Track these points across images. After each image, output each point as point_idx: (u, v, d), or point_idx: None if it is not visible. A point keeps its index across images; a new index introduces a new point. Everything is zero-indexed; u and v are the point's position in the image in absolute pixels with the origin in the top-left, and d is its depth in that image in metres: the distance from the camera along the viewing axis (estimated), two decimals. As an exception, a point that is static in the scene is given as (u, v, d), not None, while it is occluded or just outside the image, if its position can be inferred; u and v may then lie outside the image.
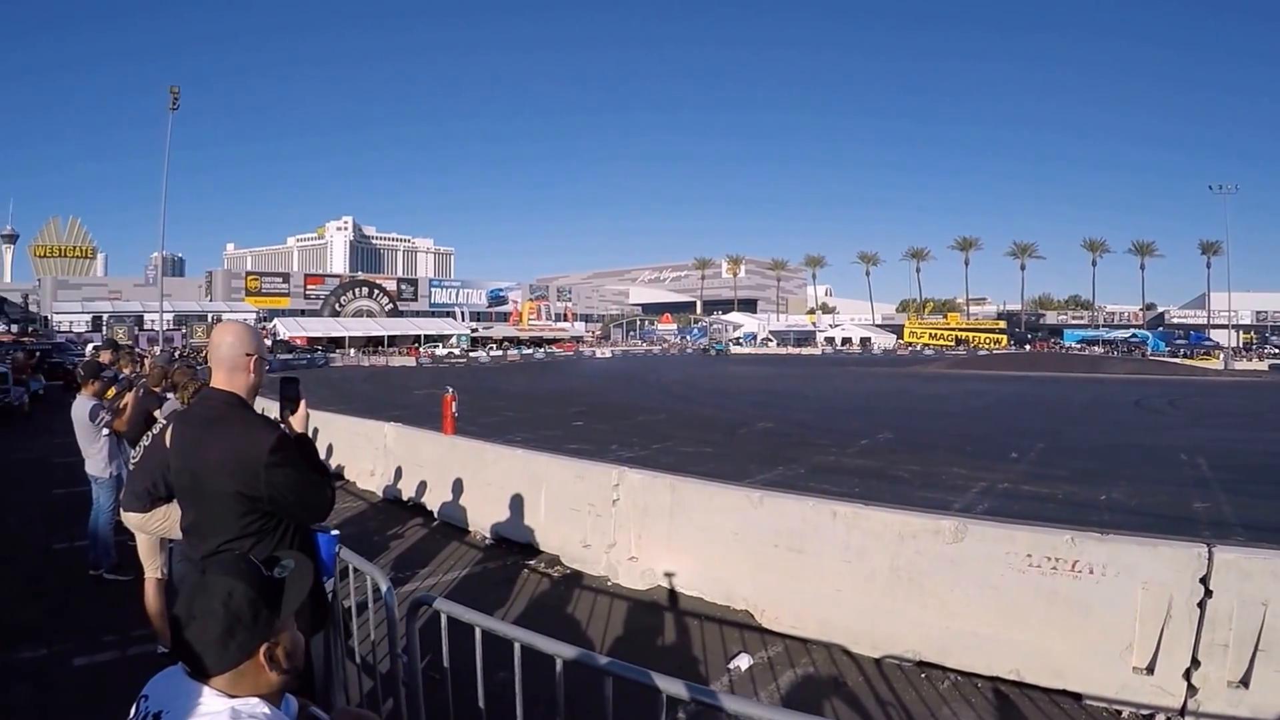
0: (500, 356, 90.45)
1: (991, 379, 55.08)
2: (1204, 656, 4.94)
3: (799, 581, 6.66)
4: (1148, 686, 5.07)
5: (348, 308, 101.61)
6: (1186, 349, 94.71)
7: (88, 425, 8.01)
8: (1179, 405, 34.79)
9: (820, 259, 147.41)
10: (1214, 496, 13.41)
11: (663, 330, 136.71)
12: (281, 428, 3.31)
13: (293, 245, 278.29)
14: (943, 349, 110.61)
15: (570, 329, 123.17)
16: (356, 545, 8.45)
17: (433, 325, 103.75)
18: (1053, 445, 19.95)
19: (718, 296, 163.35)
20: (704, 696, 2.87)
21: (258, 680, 1.83)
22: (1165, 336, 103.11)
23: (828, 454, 18.01)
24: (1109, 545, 5.42)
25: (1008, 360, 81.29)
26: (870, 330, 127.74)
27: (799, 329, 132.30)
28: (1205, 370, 73.52)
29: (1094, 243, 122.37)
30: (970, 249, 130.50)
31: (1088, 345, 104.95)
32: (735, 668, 6.00)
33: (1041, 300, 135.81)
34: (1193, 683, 4.94)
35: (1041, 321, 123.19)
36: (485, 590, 7.86)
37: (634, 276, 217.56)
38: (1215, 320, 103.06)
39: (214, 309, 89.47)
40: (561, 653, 3.30)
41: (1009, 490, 13.73)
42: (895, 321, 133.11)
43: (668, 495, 7.83)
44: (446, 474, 10.80)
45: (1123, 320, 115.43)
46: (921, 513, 6.67)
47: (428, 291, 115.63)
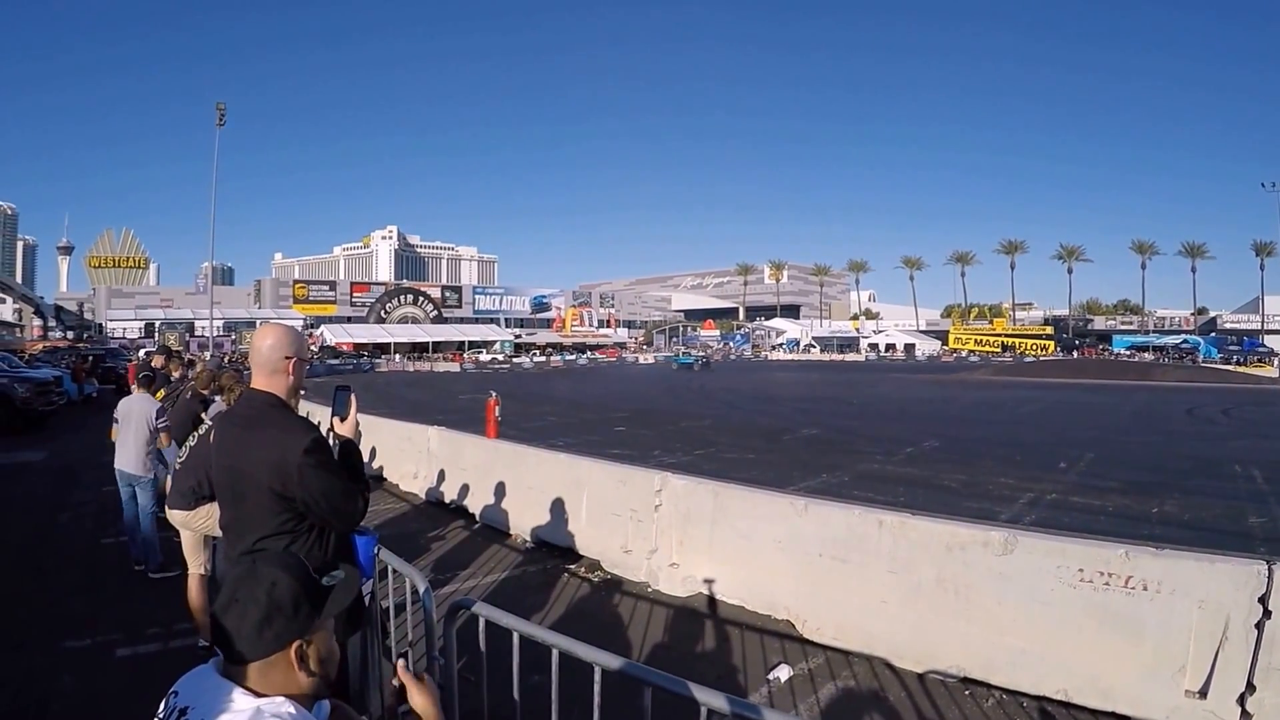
0: (543, 362, 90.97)
1: (1039, 386, 54.43)
2: (1260, 681, 4.75)
3: (843, 592, 6.58)
4: (1200, 711, 4.90)
5: (393, 315, 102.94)
6: (1240, 356, 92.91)
7: (149, 424, 8.37)
8: (1232, 414, 34.10)
9: (863, 264, 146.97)
10: (1270, 510, 13.06)
11: (705, 336, 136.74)
12: (318, 430, 3.33)
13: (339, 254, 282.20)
14: (988, 355, 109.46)
15: (613, 335, 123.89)
16: (398, 546, 8.52)
17: (476, 331, 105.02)
18: (1102, 455, 19.59)
19: (760, 302, 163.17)
20: (745, 710, 2.82)
21: (287, 679, 1.83)
22: (1217, 342, 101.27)
23: (872, 461, 17.81)
24: (1164, 561, 5.25)
25: (1055, 367, 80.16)
26: (914, 336, 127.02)
27: (842, 335, 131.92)
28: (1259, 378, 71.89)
29: (1143, 245, 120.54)
30: (1016, 252, 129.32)
31: (1137, 351, 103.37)
32: (775, 679, 5.92)
33: (1089, 305, 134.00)
34: (1246, 709, 4.76)
35: (1089, 327, 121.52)
36: (524, 593, 7.89)
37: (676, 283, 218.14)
38: (1270, 325, 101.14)
39: (262, 316, 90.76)
40: (600, 661, 3.28)
41: (1058, 501, 13.46)
42: (940, 327, 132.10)
43: (710, 502, 7.78)
44: (489, 477, 10.86)
45: (1173, 325, 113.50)
46: (970, 523, 6.58)
47: (471, 299, 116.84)
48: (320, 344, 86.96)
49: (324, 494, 3.14)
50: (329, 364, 70.60)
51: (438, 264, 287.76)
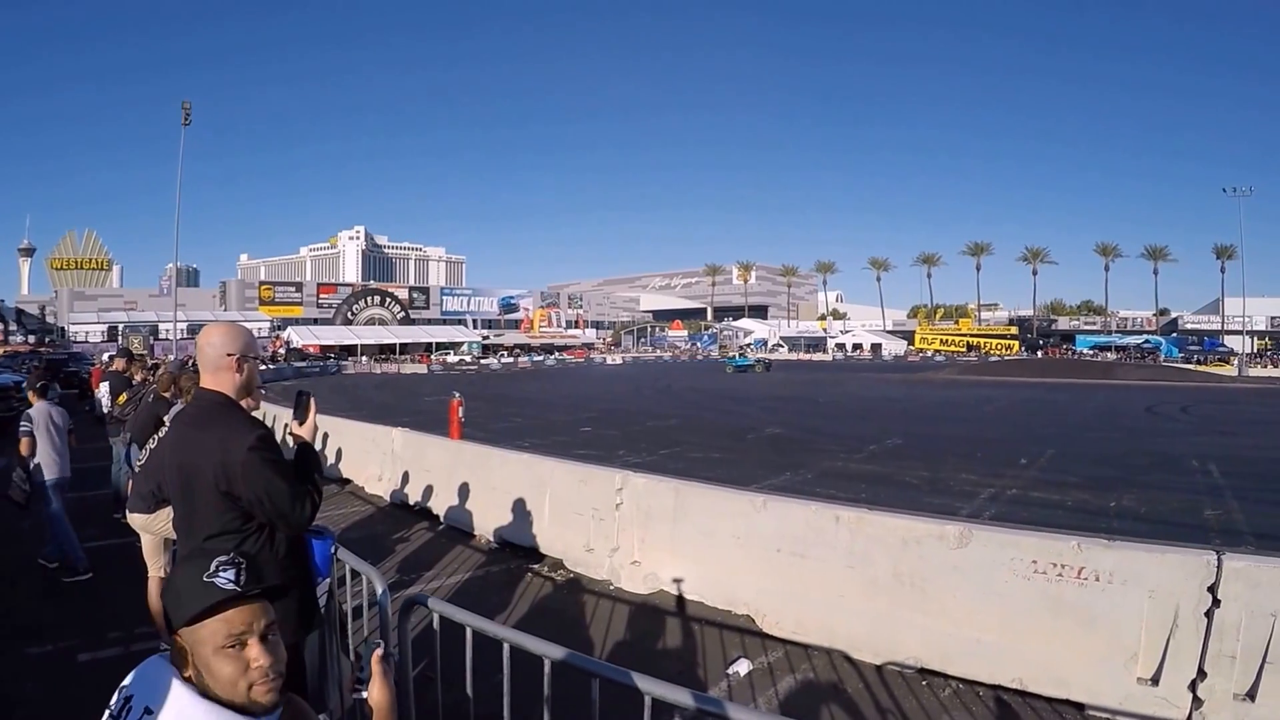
0: (511, 363, 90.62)
1: (1003, 385, 54.83)
2: (1210, 668, 4.86)
3: (801, 586, 6.63)
4: (1152, 698, 5.00)
5: (360, 316, 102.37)
6: (1200, 355, 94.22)
7: (61, 429, 8.74)
8: (1191, 412, 34.54)
9: (831, 265, 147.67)
10: (1226, 504, 13.26)
11: (673, 337, 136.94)
12: (264, 428, 3.32)
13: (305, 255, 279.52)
14: (954, 355, 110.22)
15: (581, 336, 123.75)
16: (363, 548, 8.49)
17: (444, 333, 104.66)
18: (1063, 451, 19.80)
19: (728, 303, 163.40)
20: (679, 696, 2.86)
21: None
22: (1179, 342, 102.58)
23: (836, 459, 17.91)
24: (1116, 552, 5.36)
25: (1019, 366, 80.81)
26: (881, 336, 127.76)
27: (810, 335, 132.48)
28: (1219, 377, 72.89)
29: (1106, 247, 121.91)
30: (982, 254, 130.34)
31: (1100, 351, 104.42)
32: (734, 672, 5.97)
33: (1054, 305, 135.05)
34: (1198, 695, 4.87)
35: (1054, 327, 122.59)
36: (488, 594, 7.90)
37: (645, 283, 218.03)
38: (1230, 326, 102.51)
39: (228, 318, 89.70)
40: (549, 653, 3.32)
41: (1018, 496, 13.61)
42: (906, 327, 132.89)
43: (671, 499, 7.81)
44: (452, 478, 10.84)
45: (1136, 326, 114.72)
46: (925, 518, 6.66)
47: (439, 299, 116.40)
48: (286, 346, 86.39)
49: (268, 493, 3.12)
50: (295, 366, 69.99)
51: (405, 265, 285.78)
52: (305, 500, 3.22)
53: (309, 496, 3.24)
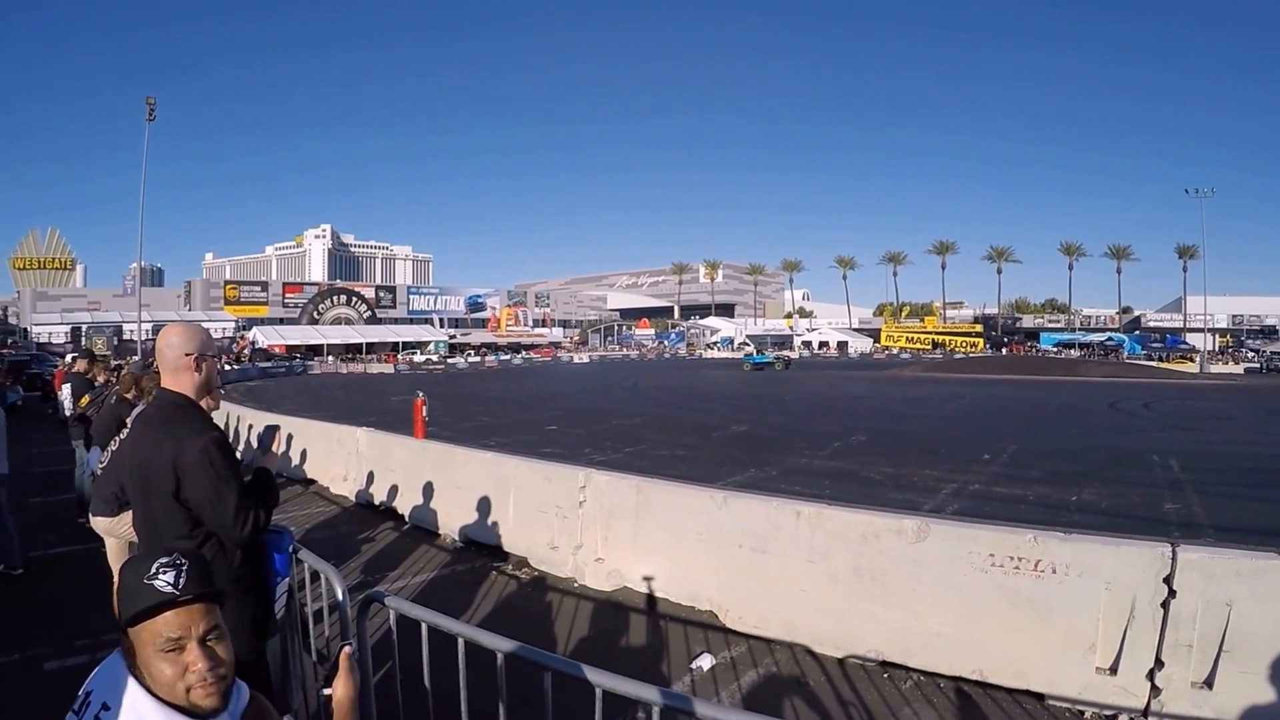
0: (478, 363, 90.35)
1: (967, 382, 55.27)
2: (1168, 657, 4.94)
3: (763, 582, 6.67)
4: (1111, 687, 5.07)
5: (326, 315, 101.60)
6: (1162, 352, 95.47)
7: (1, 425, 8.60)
8: (1153, 408, 34.96)
9: (797, 263, 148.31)
10: (1185, 498, 13.45)
11: (640, 335, 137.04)
12: (218, 431, 3.30)
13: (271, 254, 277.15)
14: (919, 352, 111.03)
15: (548, 334, 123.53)
16: (328, 549, 8.49)
17: (411, 332, 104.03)
18: (1026, 447, 19.98)
19: (695, 301, 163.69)
20: (623, 686, 2.88)
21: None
22: (1141, 340, 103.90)
23: (801, 456, 17.99)
24: (1072, 545, 5.42)
25: (984, 363, 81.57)
26: (847, 334, 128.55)
27: (776, 333, 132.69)
28: (1181, 373, 73.89)
29: (1070, 246, 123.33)
30: (947, 253, 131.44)
31: (1064, 348, 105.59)
32: (697, 667, 6.00)
33: (1018, 304, 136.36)
34: (1156, 683, 4.95)
35: (1018, 325, 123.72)
36: (453, 592, 7.88)
37: (611, 282, 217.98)
38: (1191, 324, 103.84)
39: (193, 318, 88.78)
40: (500, 647, 3.34)
41: (980, 492, 13.72)
42: (872, 325, 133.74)
43: (633, 497, 7.83)
44: (417, 478, 10.79)
45: (1099, 324, 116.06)
46: (885, 512, 6.67)
47: (406, 299, 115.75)
48: (252, 346, 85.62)
49: (212, 500, 3.09)
50: (260, 367, 69.40)
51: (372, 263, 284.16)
52: (248, 514, 3.17)
53: (253, 511, 3.20)
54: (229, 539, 3.18)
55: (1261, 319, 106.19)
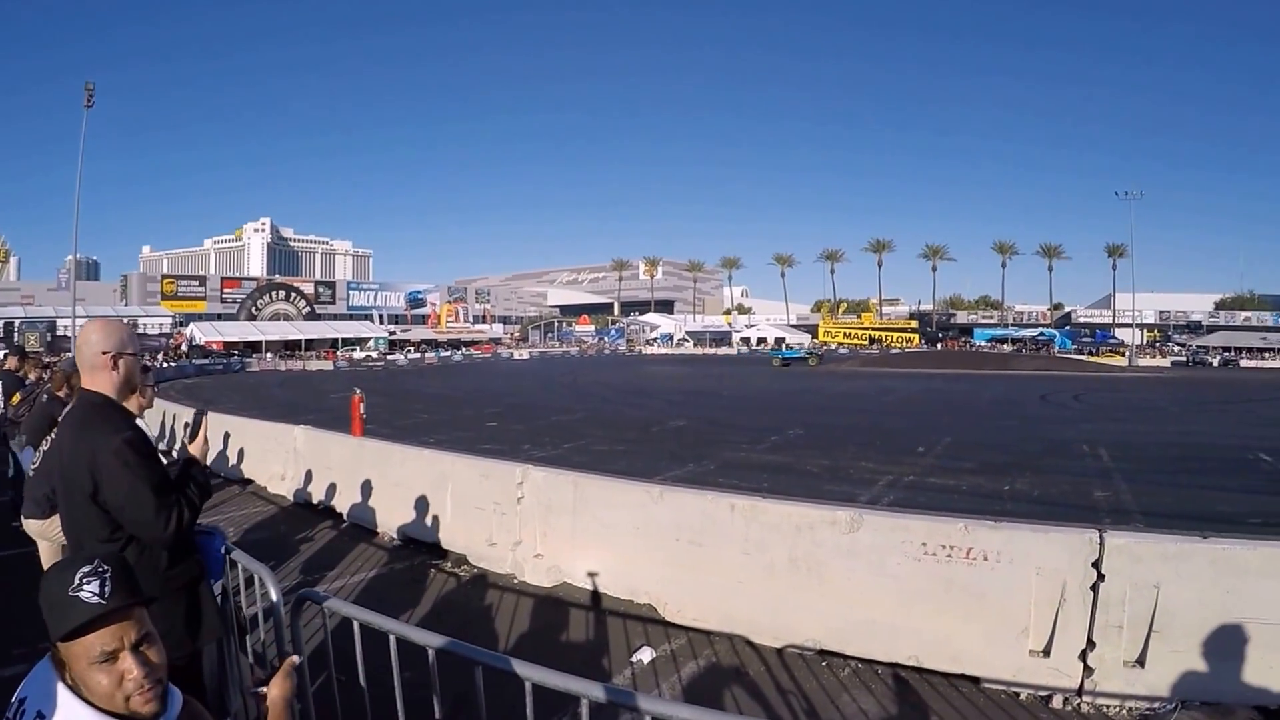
0: (418, 359, 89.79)
1: (903, 376, 56.06)
2: (1099, 638, 5.10)
3: (700, 574, 6.70)
4: (1044, 669, 5.21)
5: (264, 311, 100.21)
6: (1092, 346, 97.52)
7: None
8: (1083, 400, 35.77)
9: (736, 260, 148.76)
10: (1115, 485, 13.77)
11: (580, 331, 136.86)
12: (133, 430, 3.23)
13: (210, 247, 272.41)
14: (856, 348, 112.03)
15: (488, 331, 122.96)
16: (266, 550, 8.42)
17: (350, 328, 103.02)
18: (960, 439, 20.34)
19: (635, 298, 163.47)
20: (553, 680, 2.88)
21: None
22: (1072, 335, 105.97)
23: (739, 450, 18.11)
24: (1003, 532, 5.56)
25: (919, 358, 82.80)
26: (785, 330, 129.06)
27: (715, 329, 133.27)
28: (1110, 367, 75.76)
29: (1004, 245, 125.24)
30: (883, 251, 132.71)
31: (997, 343, 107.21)
32: (638, 661, 6.01)
33: (953, 300, 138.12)
34: (1089, 664, 5.09)
35: (953, 321, 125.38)
36: (392, 591, 7.81)
37: (552, 278, 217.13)
38: (1120, 320, 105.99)
39: (129, 313, 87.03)
40: (430, 643, 3.32)
41: (915, 483, 13.94)
42: (810, 321, 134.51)
43: (571, 492, 7.83)
44: (355, 476, 10.66)
45: (1031, 319, 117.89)
46: (819, 504, 6.79)
47: (345, 294, 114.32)
48: (189, 343, 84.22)
49: (129, 500, 3.03)
50: (197, 364, 68.22)
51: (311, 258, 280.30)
52: (171, 511, 3.09)
53: (176, 508, 3.11)
54: (152, 539, 3.11)
55: (1187, 315, 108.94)
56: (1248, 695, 4.82)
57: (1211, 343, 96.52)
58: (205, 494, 3.38)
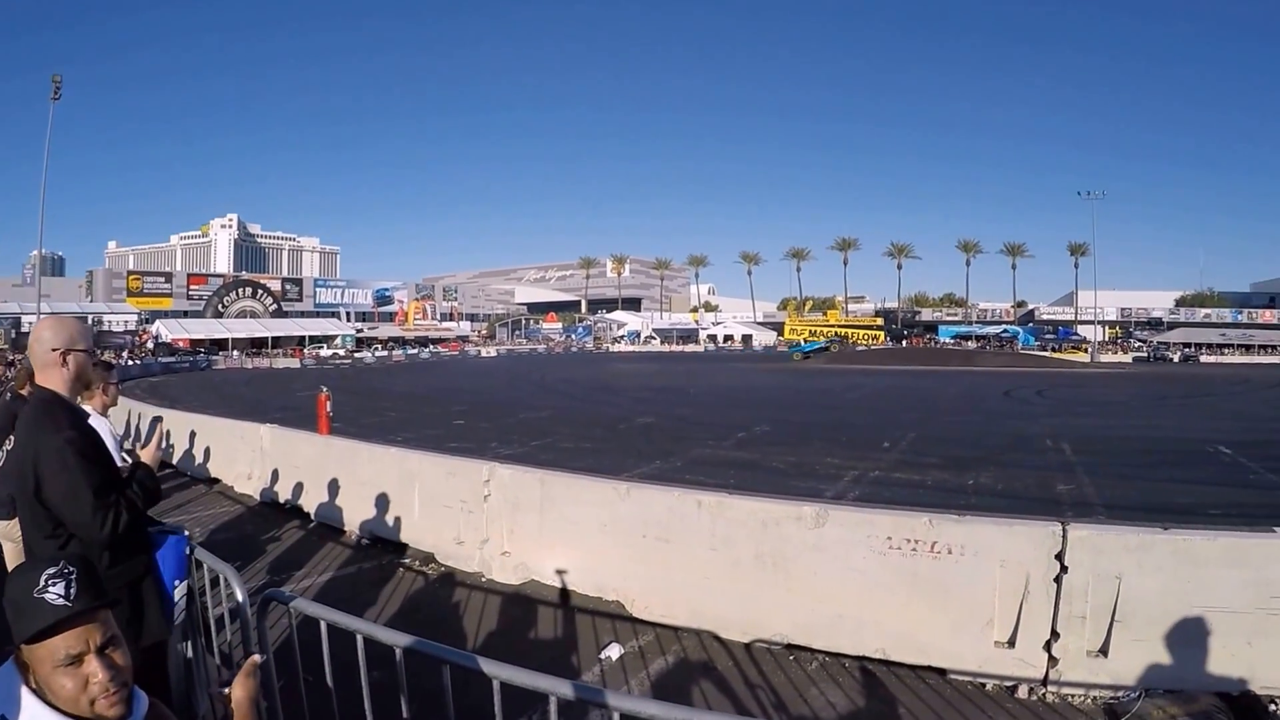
0: (385, 357, 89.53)
1: (869, 373, 56.47)
2: (1063, 629, 5.17)
3: (668, 571, 6.72)
4: (1010, 659, 5.28)
5: (231, 308, 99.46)
6: (1055, 343, 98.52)
7: None
8: (1046, 395, 36.17)
9: (703, 258, 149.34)
10: (1078, 479, 13.94)
11: (548, 329, 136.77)
12: (75, 429, 3.19)
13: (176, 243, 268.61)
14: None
15: (456, 328, 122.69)
16: (233, 550, 8.42)
17: (317, 326, 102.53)
18: (924, 434, 20.51)
19: (602, 295, 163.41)
20: (528, 679, 2.87)
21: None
22: (1035, 332, 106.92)
23: (705, 447, 18.18)
24: (966, 526, 5.63)
25: (885, 355, 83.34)
26: (752, 328, 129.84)
27: (682, 327, 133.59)
28: (1073, 363, 76.59)
29: (968, 243, 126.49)
30: (849, 249, 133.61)
31: (961, 340, 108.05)
32: (606, 657, 6.03)
33: (918, 298, 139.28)
34: (1053, 654, 5.17)
35: (917, 318, 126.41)
36: (360, 590, 7.78)
37: (520, 276, 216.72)
38: (1082, 316, 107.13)
39: (94, 310, 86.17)
40: (398, 642, 3.30)
41: (881, 478, 14.03)
42: (776, 319, 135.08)
43: (537, 490, 7.83)
44: (322, 475, 10.59)
45: (995, 317, 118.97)
46: (784, 500, 6.85)
47: (313, 291, 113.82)
48: (155, 340, 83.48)
49: (66, 499, 3.00)
50: (163, 362, 67.61)
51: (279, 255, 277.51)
52: (108, 513, 3.04)
53: (114, 509, 3.06)
54: (89, 539, 3.07)
55: (1149, 311, 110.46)
56: (1209, 682, 4.91)
57: (1172, 339, 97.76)
58: (151, 499, 3.35)
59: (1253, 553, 5.05)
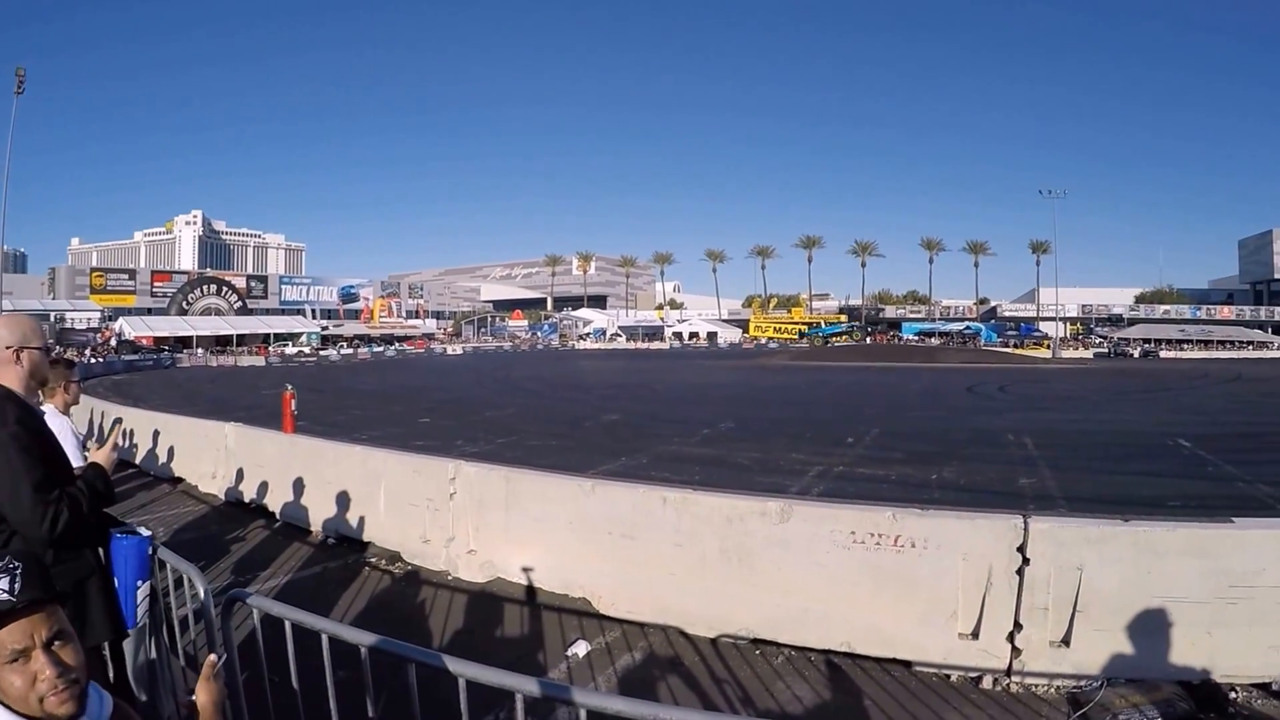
0: (351, 355, 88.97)
1: (833, 370, 56.66)
2: (1026, 620, 5.24)
3: (633, 567, 6.75)
4: (974, 651, 5.34)
5: (195, 306, 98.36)
6: (1017, 339, 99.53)
7: None
8: (1009, 390, 36.48)
9: (668, 256, 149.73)
10: (1040, 473, 14.09)
11: (514, 327, 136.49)
12: (18, 426, 3.13)
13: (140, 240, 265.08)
14: (786, 342, 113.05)
15: (422, 326, 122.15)
16: (198, 550, 8.36)
17: (282, 323, 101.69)
18: (888, 430, 20.64)
19: (568, 293, 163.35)
20: (494, 677, 2.88)
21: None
22: (997, 328, 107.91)
23: (671, 444, 18.21)
24: (929, 520, 5.70)
25: (848, 352, 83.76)
26: (717, 325, 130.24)
27: (648, 324, 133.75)
28: (1035, 359, 77.40)
29: (931, 241, 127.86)
30: (813, 247, 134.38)
31: (925, 337, 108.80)
32: (573, 655, 6.03)
33: (881, 295, 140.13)
34: (1016, 645, 5.23)
35: (881, 315, 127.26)
36: (326, 590, 7.73)
37: (485, 273, 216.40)
38: (1044, 313, 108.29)
39: (57, 307, 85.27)
40: (363, 640, 3.30)
41: (845, 473, 14.11)
42: (741, 316, 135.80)
43: (503, 487, 7.83)
44: (287, 474, 10.52)
45: (958, 314, 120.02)
46: (749, 495, 6.88)
47: (278, 289, 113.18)
48: (118, 338, 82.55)
49: (6, 495, 2.97)
50: (126, 360, 66.76)
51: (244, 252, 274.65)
52: (49, 510, 3.00)
53: (54, 506, 3.03)
54: (30, 536, 3.03)
55: (1109, 308, 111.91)
56: (1171, 671, 4.98)
57: (1132, 335, 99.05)
58: (102, 500, 3.32)
59: (1212, 543, 5.14)
